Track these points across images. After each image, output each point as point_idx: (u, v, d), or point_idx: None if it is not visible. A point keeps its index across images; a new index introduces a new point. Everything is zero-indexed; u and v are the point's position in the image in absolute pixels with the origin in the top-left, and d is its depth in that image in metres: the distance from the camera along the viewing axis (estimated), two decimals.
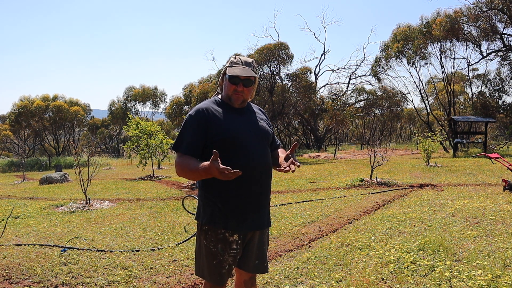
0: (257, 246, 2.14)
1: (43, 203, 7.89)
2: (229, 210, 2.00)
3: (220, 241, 2.02)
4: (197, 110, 2.03)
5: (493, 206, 5.67)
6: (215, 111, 2.03)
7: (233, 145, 1.97)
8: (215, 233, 2.02)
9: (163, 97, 42.33)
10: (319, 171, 12.09)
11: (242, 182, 1.97)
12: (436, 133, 13.91)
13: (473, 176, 9.32)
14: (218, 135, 1.97)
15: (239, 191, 1.99)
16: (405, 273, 3.30)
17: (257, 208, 2.06)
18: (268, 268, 2.27)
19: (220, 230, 2.01)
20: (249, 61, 2.10)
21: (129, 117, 15.49)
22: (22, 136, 38.59)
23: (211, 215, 2.02)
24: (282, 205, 6.64)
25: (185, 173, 1.95)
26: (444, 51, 22.63)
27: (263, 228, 2.13)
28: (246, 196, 2.01)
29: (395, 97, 29.43)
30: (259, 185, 2.05)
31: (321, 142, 32.75)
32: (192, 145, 1.98)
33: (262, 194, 2.07)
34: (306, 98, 26.82)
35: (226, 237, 2.02)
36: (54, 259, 3.92)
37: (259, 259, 2.15)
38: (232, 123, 2.02)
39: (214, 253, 2.03)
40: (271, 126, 2.25)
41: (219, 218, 2.00)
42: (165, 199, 8.11)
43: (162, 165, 17.78)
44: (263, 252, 2.18)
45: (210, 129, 1.98)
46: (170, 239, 4.73)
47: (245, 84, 2.05)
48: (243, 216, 2.02)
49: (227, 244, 2.03)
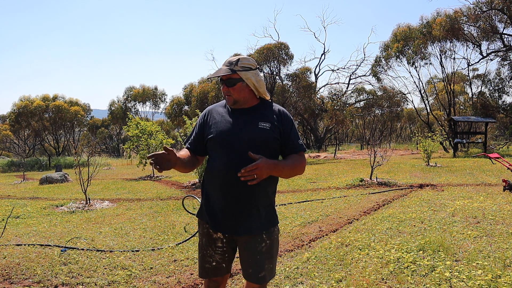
0: (250, 254, 2.04)
1: (43, 203, 7.89)
2: (206, 207, 2.10)
3: (205, 235, 2.12)
4: (205, 110, 2.21)
5: (493, 206, 5.67)
6: (216, 112, 2.13)
7: (216, 146, 2.05)
8: (202, 226, 2.15)
9: (163, 97, 42.36)
10: (319, 171, 12.09)
11: (217, 184, 2.03)
12: (436, 133, 13.90)
13: (473, 176, 9.32)
14: (208, 134, 2.08)
15: (212, 192, 2.07)
16: (405, 273, 3.30)
17: (231, 213, 2.00)
18: (264, 280, 2.06)
19: (204, 224, 2.13)
20: (232, 60, 2.01)
21: (129, 117, 15.49)
22: (22, 136, 38.59)
23: (200, 209, 2.17)
24: (282, 205, 6.64)
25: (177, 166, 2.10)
26: (444, 51, 22.65)
27: (238, 235, 2.02)
28: (218, 198, 2.04)
29: (395, 97, 29.45)
30: (234, 190, 1.96)
31: (321, 142, 32.76)
32: (193, 140, 2.16)
33: (237, 199, 1.98)
34: (306, 98, 26.84)
35: (210, 233, 2.10)
36: (54, 259, 3.92)
37: (253, 269, 2.04)
38: (223, 125, 2.03)
39: (200, 245, 2.17)
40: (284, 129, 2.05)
41: (204, 213, 2.12)
42: (165, 199, 8.11)
43: None
44: (257, 262, 2.03)
45: (205, 128, 2.11)
46: (170, 239, 4.73)
47: (227, 84, 2.00)
48: (215, 217, 2.06)
49: (211, 240, 2.10)
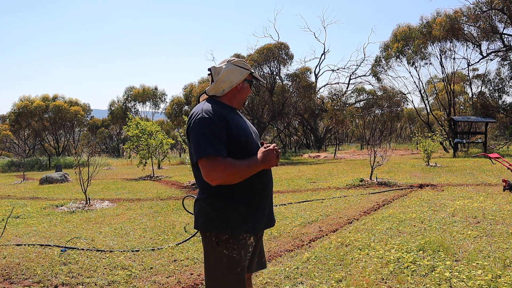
0: (260, 244, 2.17)
1: (43, 203, 7.89)
2: (252, 212, 1.94)
3: (242, 246, 1.93)
4: (212, 112, 1.89)
5: (493, 206, 5.66)
6: (226, 113, 1.95)
7: (247, 145, 1.95)
8: (237, 239, 1.91)
9: (163, 97, 42.33)
10: (319, 171, 12.09)
11: (261, 181, 1.98)
12: (436, 133, 13.90)
13: (473, 176, 9.32)
14: (240, 136, 1.91)
15: (259, 191, 1.98)
16: (405, 273, 3.30)
17: (270, 205, 2.08)
18: (266, 265, 2.28)
19: (242, 235, 1.93)
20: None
21: (129, 117, 15.49)
22: (22, 136, 38.59)
23: (229, 221, 1.90)
24: (282, 205, 6.64)
25: (239, 174, 1.84)
26: (444, 51, 22.66)
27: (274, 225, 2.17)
28: (265, 194, 2.02)
29: (395, 97, 29.45)
30: (271, 183, 2.08)
31: (321, 142, 32.76)
32: (225, 147, 1.85)
33: (271, 188, 2.10)
34: (306, 98, 26.81)
35: (246, 242, 1.96)
36: (54, 259, 3.92)
37: (258, 257, 2.16)
38: (243, 124, 2.02)
39: (238, 260, 1.91)
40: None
41: (240, 223, 1.91)
42: (165, 199, 8.11)
43: (162, 165, 17.79)
44: (262, 250, 2.21)
45: (231, 130, 1.89)
46: (170, 239, 4.73)
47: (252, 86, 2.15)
48: (262, 216, 2.00)
49: (246, 248, 1.96)
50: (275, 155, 1.91)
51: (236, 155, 1.87)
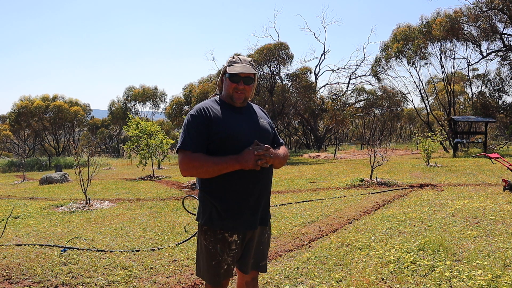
0: (256, 246, 2.14)
1: (43, 203, 7.89)
2: (226, 210, 1.99)
3: (219, 241, 2.02)
4: (198, 108, 2.03)
5: (493, 206, 5.66)
6: (216, 110, 2.04)
7: (234, 144, 1.96)
8: (214, 233, 2.02)
9: (163, 97, 42.37)
10: (319, 171, 12.09)
11: (242, 181, 1.98)
12: (436, 133, 13.90)
13: (473, 176, 9.32)
14: (220, 133, 1.96)
15: (238, 191, 1.99)
16: (405, 273, 3.30)
17: (255, 208, 2.05)
18: (265, 269, 2.24)
19: (219, 230, 2.01)
20: (248, 60, 2.14)
21: (129, 117, 15.49)
22: (22, 136, 38.59)
23: (210, 215, 2.02)
24: (282, 205, 6.64)
25: (203, 169, 1.92)
26: (444, 51, 22.66)
27: (266, 225, 2.14)
28: (246, 195, 2.00)
29: (395, 97, 29.45)
30: (259, 185, 2.04)
31: (321, 142, 32.75)
32: (200, 143, 1.97)
33: (261, 193, 2.06)
34: (306, 98, 26.82)
35: (225, 238, 2.02)
36: (54, 259, 3.92)
37: (255, 258, 2.15)
38: (233, 122, 2.02)
39: (213, 253, 2.03)
40: (273, 125, 2.26)
41: (217, 219, 2.01)
42: (165, 199, 8.11)
43: (162, 165, 17.78)
44: (261, 252, 2.18)
45: (212, 127, 1.97)
46: (170, 239, 4.73)
47: (246, 82, 2.07)
48: (240, 216, 2.01)
49: (226, 244, 2.02)
50: (253, 157, 1.89)
51: (216, 152, 1.97)
